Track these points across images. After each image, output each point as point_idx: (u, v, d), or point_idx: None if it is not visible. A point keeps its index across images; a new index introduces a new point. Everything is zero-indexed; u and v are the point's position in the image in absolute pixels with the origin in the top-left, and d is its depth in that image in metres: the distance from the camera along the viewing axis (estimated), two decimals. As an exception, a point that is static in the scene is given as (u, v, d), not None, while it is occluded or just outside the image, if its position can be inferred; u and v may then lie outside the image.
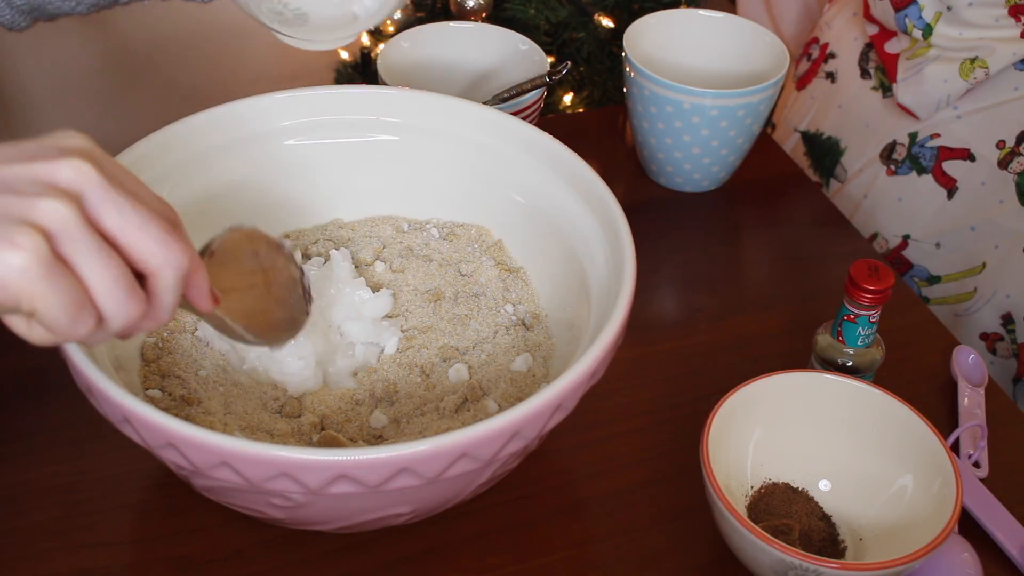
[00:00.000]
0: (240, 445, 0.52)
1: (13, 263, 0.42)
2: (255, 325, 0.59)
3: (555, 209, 0.76)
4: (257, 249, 0.61)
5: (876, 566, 0.59)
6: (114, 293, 0.46)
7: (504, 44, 1.01)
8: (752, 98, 0.94)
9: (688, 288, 0.93)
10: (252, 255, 0.61)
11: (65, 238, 0.44)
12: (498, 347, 0.73)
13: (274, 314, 0.62)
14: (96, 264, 0.45)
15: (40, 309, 0.44)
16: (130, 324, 0.48)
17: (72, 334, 0.46)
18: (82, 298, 0.45)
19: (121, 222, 0.46)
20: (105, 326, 0.47)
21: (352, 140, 0.80)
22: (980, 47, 1.01)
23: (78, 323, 0.45)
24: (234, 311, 0.57)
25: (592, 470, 0.75)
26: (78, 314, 0.45)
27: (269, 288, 0.61)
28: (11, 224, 0.43)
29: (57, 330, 0.45)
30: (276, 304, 0.62)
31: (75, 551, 0.67)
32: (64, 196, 0.44)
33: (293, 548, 0.68)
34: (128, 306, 0.47)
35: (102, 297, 0.46)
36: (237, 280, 0.58)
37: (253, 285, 0.60)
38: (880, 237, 1.13)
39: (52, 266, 0.43)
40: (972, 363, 0.83)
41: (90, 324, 0.46)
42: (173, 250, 0.48)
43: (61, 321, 0.45)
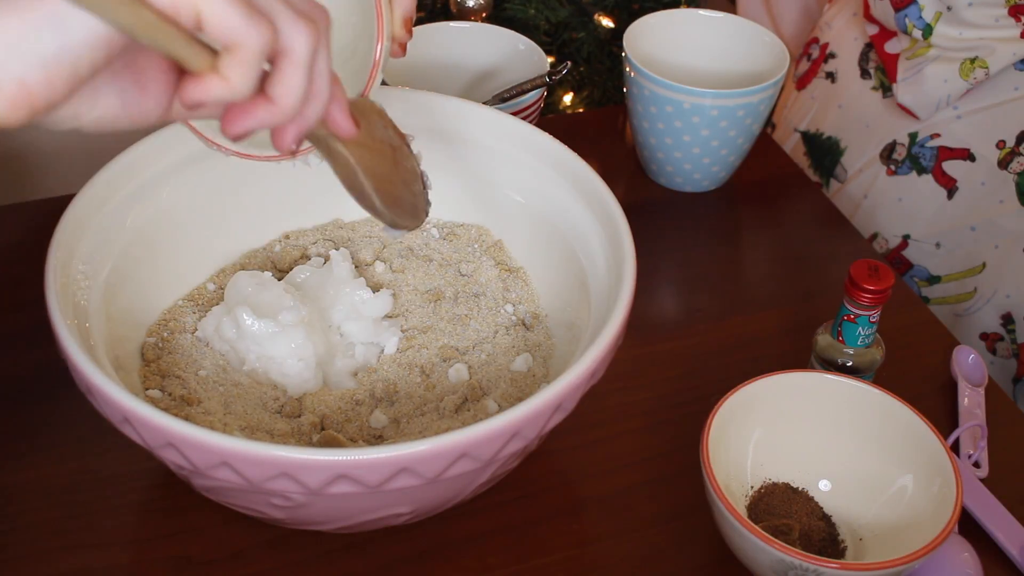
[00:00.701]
0: (240, 445, 0.52)
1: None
2: (383, 191, 0.55)
3: (555, 209, 0.76)
4: (386, 124, 0.57)
5: (876, 566, 0.59)
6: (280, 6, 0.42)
7: (504, 44, 1.01)
8: (752, 98, 0.94)
9: (688, 288, 0.93)
10: (382, 127, 0.57)
11: None
12: (498, 347, 0.73)
13: (400, 191, 0.57)
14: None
15: (205, 9, 0.40)
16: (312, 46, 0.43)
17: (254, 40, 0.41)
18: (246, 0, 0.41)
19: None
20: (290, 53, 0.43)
21: (352, 140, 0.80)
22: (980, 47, 1.01)
23: (252, 24, 0.41)
24: (365, 163, 0.53)
25: (592, 470, 0.75)
26: (249, 11, 0.41)
27: (397, 165, 0.57)
28: None
29: (233, 35, 0.41)
30: (402, 183, 0.58)
31: (75, 551, 0.67)
32: None
33: (293, 548, 0.68)
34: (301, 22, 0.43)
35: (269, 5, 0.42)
36: (370, 140, 0.54)
37: (383, 152, 0.56)
38: (880, 237, 1.13)
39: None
40: (972, 363, 0.83)
41: (267, 30, 0.41)
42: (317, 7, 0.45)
43: (232, 17, 0.40)
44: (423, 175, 0.61)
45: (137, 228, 0.71)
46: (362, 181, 0.54)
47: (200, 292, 0.76)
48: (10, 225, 0.91)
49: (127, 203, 0.71)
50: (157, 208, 0.73)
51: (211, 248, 0.78)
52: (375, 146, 0.55)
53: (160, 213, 0.73)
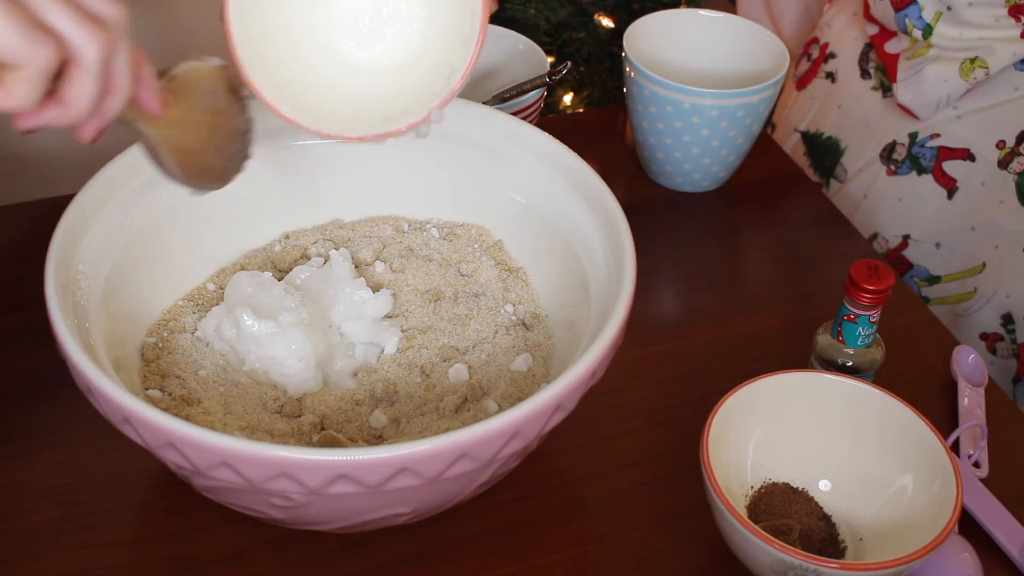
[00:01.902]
0: (240, 445, 0.52)
1: None
2: (187, 164, 0.57)
3: (555, 209, 0.76)
4: (216, 88, 0.59)
5: (876, 566, 0.59)
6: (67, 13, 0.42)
7: (504, 44, 1.01)
8: (752, 98, 0.94)
9: (688, 288, 0.93)
10: (208, 94, 0.58)
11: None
12: (498, 347, 0.73)
13: (209, 160, 0.60)
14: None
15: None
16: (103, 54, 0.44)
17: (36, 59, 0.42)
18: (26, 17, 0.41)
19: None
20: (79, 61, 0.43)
21: (352, 140, 0.80)
22: (980, 47, 1.01)
23: (34, 43, 0.41)
24: (171, 141, 0.55)
25: (592, 470, 0.75)
26: (31, 31, 0.41)
27: (214, 132, 0.59)
28: None
29: (14, 55, 0.41)
30: (215, 150, 0.60)
31: (75, 551, 0.67)
32: None
33: (293, 548, 0.68)
34: (90, 27, 0.43)
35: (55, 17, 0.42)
36: (185, 113, 0.56)
37: (199, 123, 0.58)
38: (880, 237, 1.13)
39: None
40: (972, 363, 0.83)
41: (51, 45, 0.42)
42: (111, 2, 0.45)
43: (11, 40, 0.41)
44: (247, 130, 0.62)
45: (137, 228, 0.71)
46: (163, 157, 0.56)
47: (200, 292, 0.76)
48: (10, 225, 0.91)
49: (127, 203, 0.71)
50: (157, 208, 0.73)
51: (211, 248, 0.78)
52: (190, 118, 0.57)
53: (160, 213, 0.73)
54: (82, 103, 0.45)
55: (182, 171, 0.57)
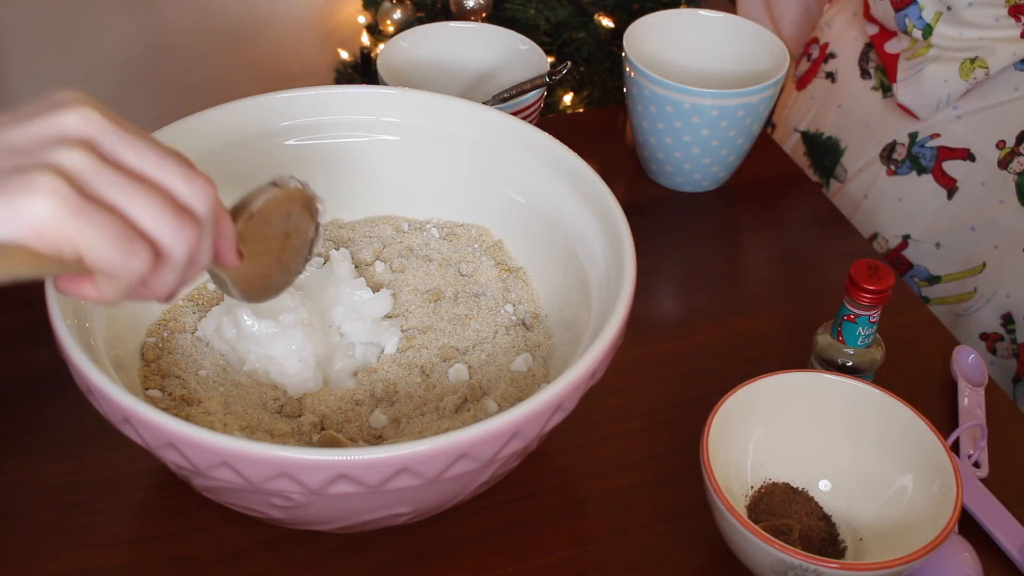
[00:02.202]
0: (240, 445, 0.52)
1: (37, 207, 0.40)
2: (251, 289, 0.58)
3: (555, 209, 0.76)
4: (292, 210, 0.58)
5: (876, 566, 0.59)
6: (161, 215, 0.43)
7: (504, 44, 1.01)
8: (752, 98, 0.94)
9: (688, 288, 0.93)
10: (285, 217, 0.58)
11: (88, 178, 0.42)
12: (498, 347, 0.73)
13: (273, 279, 0.60)
14: (130, 193, 0.43)
15: (84, 248, 0.41)
16: (191, 249, 0.45)
17: (131, 271, 0.43)
18: (126, 228, 0.42)
19: (140, 160, 0.44)
20: (169, 260, 0.44)
21: (352, 140, 0.80)
22: (980, 47, 1.01)
23: (132, 256, 0.42)
24: (240, 276, 0.55)
25: (592, 470, 0.75)
26: (128, 245, 0.42)
27: (282, 254, 0.59)
28: (28, 173, 0.40)
29: (113, 269, 0.42)
30: (280, 269, 0.60)
31: (75, 551, 0.67)
32: (76, 144, 0.42)
33: (293, 548, 0.68)
34: (184, 229, 0.44)
35: (150, 222, 0.43)
36: (257, 247, 0.56)
37: (269, 251, 0.58)
38: (880, 237, 1.13)
39: (81, 202, 0.41)
40: (972, 363, 0.83)
41: (146, 257, 0.43)
42: (198, 184, 0.46)
43: (112, 257, 0.42)
44: (315, 240, 0.62)
45: (137, 228, 0.71)
46: (230, 289, 0.56)
47: (200, 292, 0.76)
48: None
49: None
50: (157, 208, 0.73)
51: (211, 248, 0.78)
52: (261, 249, 0.57)
53: (160, 213, 0.73)
54: (166, 289, 0.46)
55: (244, 296, 0.57)
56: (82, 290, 0.44)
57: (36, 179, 0.40)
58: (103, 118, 0.43)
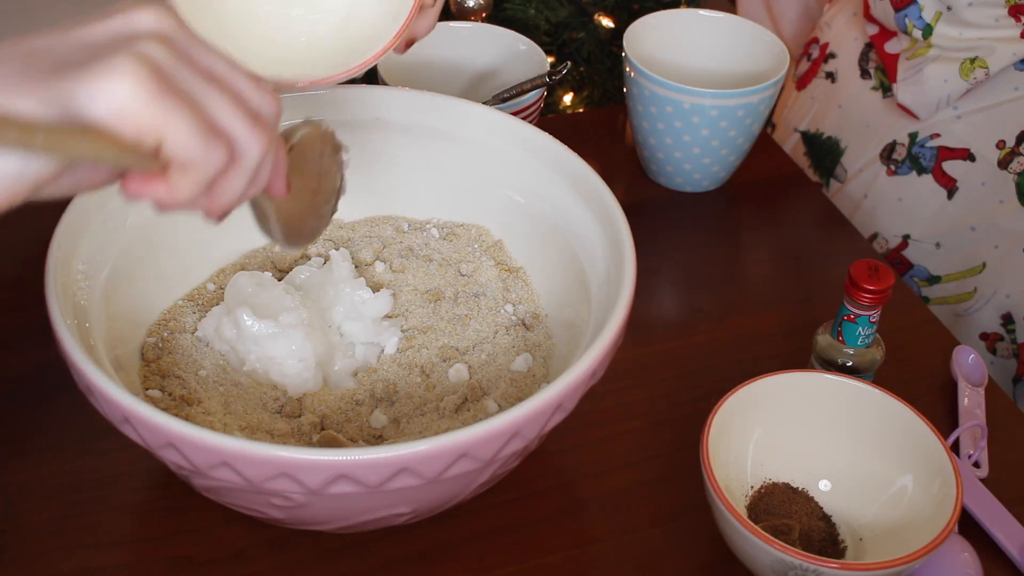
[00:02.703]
0: (240, 445, 0.52)
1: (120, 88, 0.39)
2: (290, 229, 0.58)
3: (555, 209, 0.76)
4: (324, 151, 0.59)
5: (876, 566, 0.59)
6: (237, 115, 0.43)
7: (504, 44, 1.01)
8: (752, 98, 0.94)
9: (688, 288, 0.93)
10: (318, 156, 0.58)
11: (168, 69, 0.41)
12: (498, 347, 0.73)
13: (309, 222, 0.60)
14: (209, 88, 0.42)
15: (168, 134, 0.41)
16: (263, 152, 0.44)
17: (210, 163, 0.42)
18: (206, 118, 0.42)
19: (212, 61, 0.43)
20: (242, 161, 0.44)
21: (352, 140, 0.80)
22: (980, 47, 1.01)
23: (212, 147, 0.42)
24: (282, 210, 0.55)
25: (592, 470, 0.75)
26: (209, 135, 0.42)
27: (316, 196, 0.59)
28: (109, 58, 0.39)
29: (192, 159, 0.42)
30: (315, 212, 0.60)
31: (75, 551, 0.67)
32: (153, 38, 0.41)
33: (293, 548, 0.68)
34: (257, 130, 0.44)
35: (227, 117, 0.43)
36: (298, 183, 0.56)
37: (307, 189, 0.58)
38: (880, 237, 1.13)
39: (162, 87, 0.40)
40: (972, 363, 0.83)
41: (224, 150, 0.43)
42: (267, 93, 0.46)
43: (193, 145, 0.41)
44: (340, 189, 0.63)
45: (137, 228, 0.71)
46: (272, 225, 0.56)
47: (200, 292, 0.76)
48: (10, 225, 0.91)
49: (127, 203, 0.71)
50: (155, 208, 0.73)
51: (211, 248, 0.78)
52: (301, 186, 0.57)
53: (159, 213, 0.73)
54: (232, 197, 0.45)
55: (284, 236, 0.57)
56: (153, 189, 0.43)
57: (117, 62, 0.39)
58: (176, 18, 0.43)
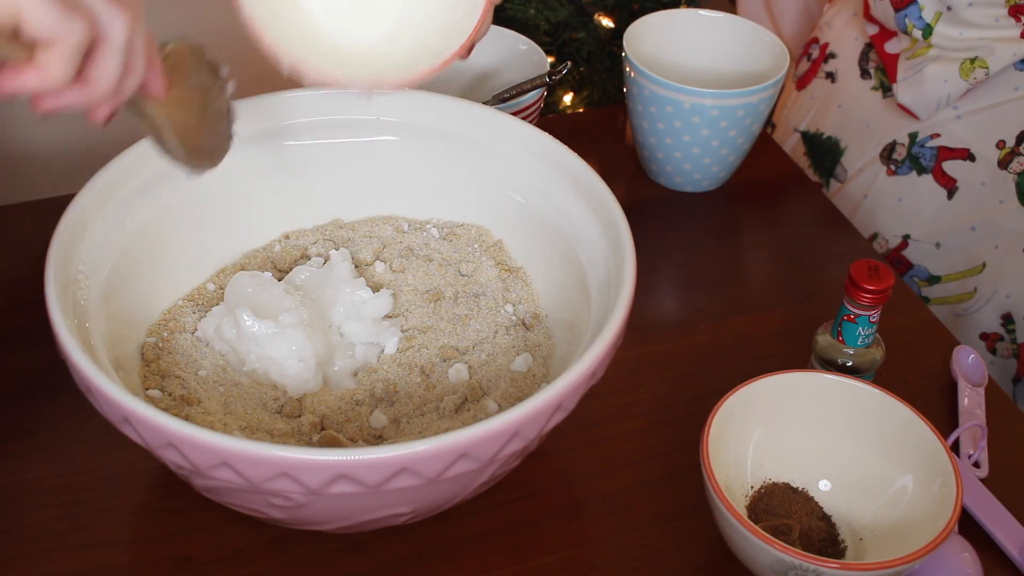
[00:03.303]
0: (240, 445, 0.52)
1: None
2: (187, 142, 0.58)
3: (555, 209, 0.76)
4: (200, 67, 0.59)
5: (876, 566, 0.59)
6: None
7: (504, 44, 1.01)
8: (752, 98, 0.94)
9: (688, 288, 0.93)
10: (196, 72, 0.59)
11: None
12: (498, 347, 0.73)
13: (205, 138, 0.61)
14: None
15: (22, 8, 0.41)
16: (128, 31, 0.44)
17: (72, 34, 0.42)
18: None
19: None
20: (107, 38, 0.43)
21: (352, 140, 0.80)
22: (980, 47, 1.01)
23: (71, 18, 0.42)
24: (172, 120, 0.56)
25: (592, 470, 0.75)
26: (64, 7, 0.41)
27: (205, 110, 0.60)
28: None
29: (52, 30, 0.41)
30: (209, 127, 0.61)
31: (75, 551, 0.67)
32: None
33: (293, 548, 0.68)
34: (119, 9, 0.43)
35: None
36: (180, 92, 0.57)
37: (192, 101, 0.58)
38: (880, 237, 1.13)
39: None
40: (972, 363, 0.83)
41: (84, 23, 0.42)
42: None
43: (51, 16, 0.41)
44: (231, 110, 0.63)
45: (137, 228, 0.71)
46: (167, 137, 0.56)
47: (200, 292, 0.76)
48: (10, 225, 0.91)
49: (127, 203, 0.71)
50: (157, 208, 0.73)
51: (211, 248, 0.78)
52: (186, 96, 0.57)
53: (160, 213, 0.73)
54: (106, 82, 0.45)
55: (184, 149, 0.58)
56: (24, 78, 0.43)
57: None
58: None
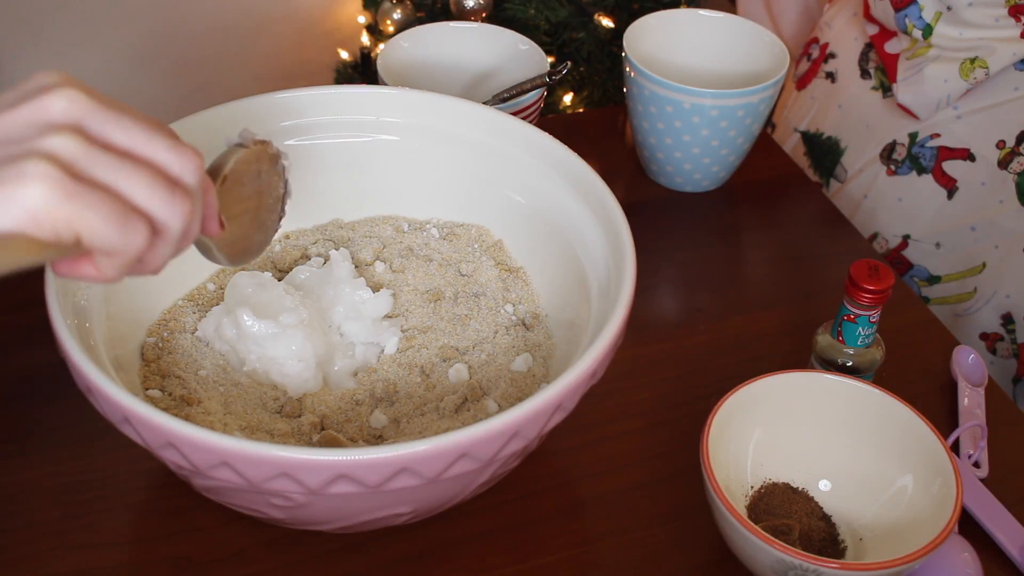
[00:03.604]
0: (240, 445, 0.52)
1: (31, 194, 0.40)
2: (234, 253, 0.58)
3: (555, 209, 0.76)
4: (261, 168, 0.59)
5: (876, 566, 0.59)
6: (154, 190, 0.44)
7: (504, 44, 1.01)
8: (752, 98, 0.94)
9: (688, 288, 0.93)
10: (255, 176, 0.59)
11: (79, 161, 0.42)
12: (498, 347, 0.73)
13: (253, 239, 0.61)
14: (123, 171, 0.43)
15: (83, 230, 0.42)
16: (186, 222, 0.45)
17: (130, 247, 0.43)
18: (121, 206, 0.43)
19: (128, 138, 0.44)
20: (165, 234, 0.45)
21: (352, 140, 0.80)
22: (980, 47, 1.01)
23: (129, 232, 0.43)
24: (224, 241, 0.56)
25: (592, 470, 0.75)
26: (125, 222, 0.43)
27: (258, 212, 0.60)
28: (18, 162, 0.41)
29: (112, 247, 0.43)
30: (258, 228, 0.61)
31: (75, 551, 0.67)
32: (64, 129, 0.42)
33: (293, 548, 0.68)
34: (177, 202, 0.45)
35: (144, 198, 0.44)
36: (235, 207, 0.57)
37: (246, 212, 0.58)
38: (880, 237, 1.13)
39: (74, 185, 0.41)
40: (972, 363, 0.83)
41: (144, 231, 0.44)
42: (186, 156, 0.46)
43: (110, 235, 0.42)
44: (285, 195, 0.63)
45: (137, 228, 0.71)
46: (216, 255, 0.57)
47: (200, 292, 0.76)
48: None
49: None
50: (157, 208, 0.73)
51: (211, 248, 0.78)
52: (238, 210, 0.57)
53: (160, 213, 0.73)
54: (160, 262, 0.47)
55: (230, 260, 0.58)
56: (82, 271, 0.44)
57: (27, 167, 0.41)
58: (88, 98, 0.44)
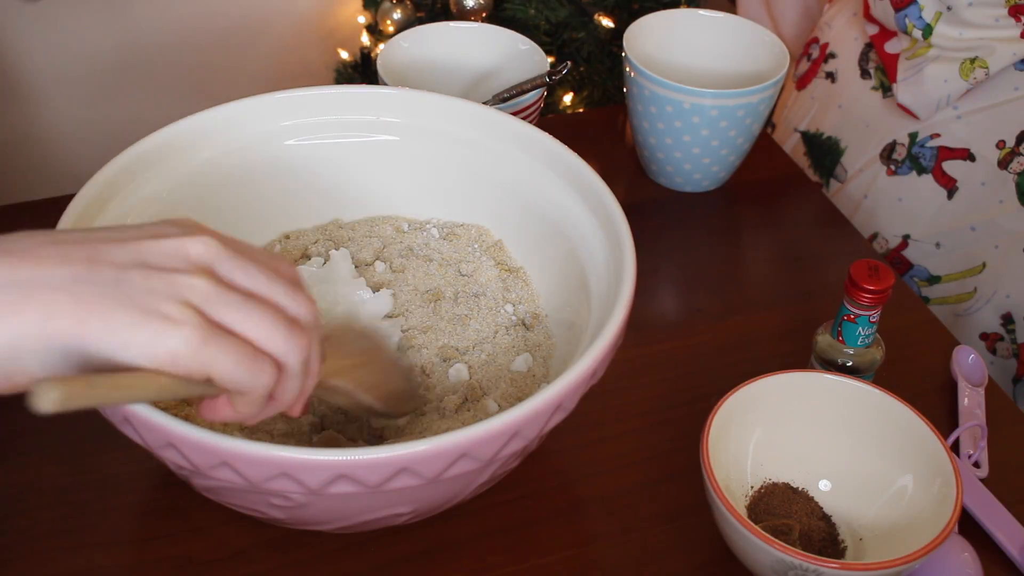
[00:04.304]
0: (240, 445, 0.52)
1: (175, 337, 0.45)
2: (380, 396, 0.62)
3: (555, 209, 0.76)
4: (356, 335, 0.65)
5: (876, 566, 0.59)
6: (276, 331, 0.49)
7: (504, 44, 1.01)
8: (752, 98, 0.94)
9: (688, 288, 0.93)
10: (357, 337, 0.65)
11: (211, 305, 0.47)
12: (498, 347, 0.73)
13: (393, 384, 0.65)
14: (247, 315, 0.48)
15: (216, 373, 0.47)
16: (305, 357, 0.50)
17: (260, 386, 0.48)
18: (249, 348, 0.48)
19: (251, 282, 0.49)
20: (287, 369, 0.50)
21: (352, 140, 0.80)
22: (980, 47, 1.01)
23: (257, 373, 0.48)
24: (360, 384, 0.60)
25: (592, 470, 0.75)
26: (253, 363, 0.48)
27: (380, 366, 0.64)
28: (162, 302, 0.46)
29: (243, 387, 0.48)
30: (390, 377, 0.65)
31: (75, 551, 0.67)
32: (199, 270, 0.48)
33: (293, 548, 0.68)
34: (295, 338, 0.49)
35: (266, 339, 0.48)
36: (352, 358, 0.61)
37: (365, 363, 0.63)
38: (880, 237, 1.13)
39: (209, 331, 0.46)
40: (972, 363, 0.83)
41: (270, 371, 0.48)
42: (301, 298, 0.51)
43: (241, 376, 0.47)
44: (400, 359, 0.70)
45: (137, 228, 0.71)
46: (362, 398, 0.60)
47: (200, 292, 0.76)
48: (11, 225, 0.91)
49: (127, 203, 0.71)
50: (157, 208, 0.73)
51: (211, 248, 0.78)
52: (358, 361, 0.62)
53: (161, 213, 0.73)
54: (290, 397, 0.51)
55: (380, 403, 0.62)
56: (223, 412, 0.50)
57: (172, 311, 0.46)
58: (220, 245, 0.49)
